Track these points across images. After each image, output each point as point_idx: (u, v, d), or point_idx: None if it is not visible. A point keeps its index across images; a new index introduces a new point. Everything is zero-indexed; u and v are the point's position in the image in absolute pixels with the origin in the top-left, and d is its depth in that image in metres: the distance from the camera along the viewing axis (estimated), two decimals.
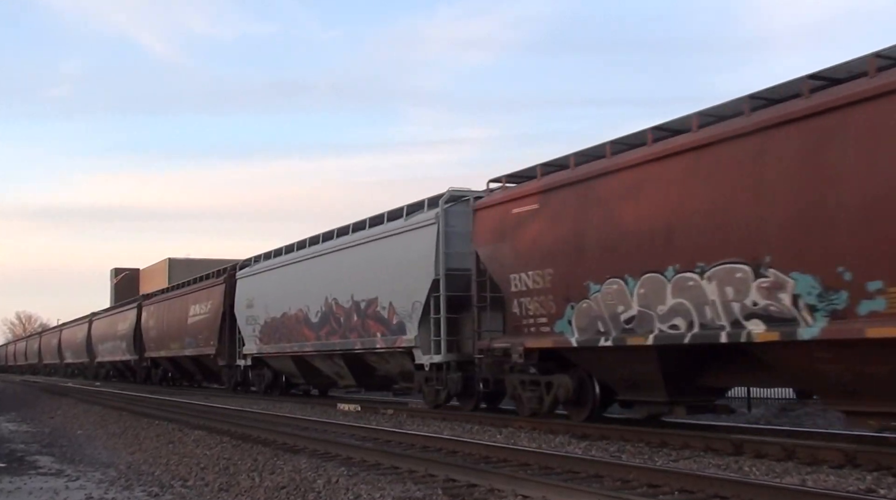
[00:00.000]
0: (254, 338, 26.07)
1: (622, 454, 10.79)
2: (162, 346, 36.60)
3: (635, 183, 11.98)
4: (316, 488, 8.52)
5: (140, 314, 40.39)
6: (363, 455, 10.68)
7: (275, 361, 25.56)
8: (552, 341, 13.50)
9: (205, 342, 30.46)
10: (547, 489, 7.61)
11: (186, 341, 32.80)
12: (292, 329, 23.34)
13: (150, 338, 38.54)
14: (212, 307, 30.01)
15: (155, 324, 37.65)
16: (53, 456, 12.74)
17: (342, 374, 22.17)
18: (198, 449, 12.49)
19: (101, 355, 49.70)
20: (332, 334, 21.04)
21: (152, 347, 38.32)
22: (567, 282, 13.12)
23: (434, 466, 9.32)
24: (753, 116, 10.45)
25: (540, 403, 14.32)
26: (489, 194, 15.45)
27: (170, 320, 35.38)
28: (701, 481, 7.71)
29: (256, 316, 25.76)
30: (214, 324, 29.43)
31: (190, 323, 32.36)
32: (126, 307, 45.11)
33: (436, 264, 16.87)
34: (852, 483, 8.13)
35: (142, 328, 39.72)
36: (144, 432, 15.68)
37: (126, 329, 42.72)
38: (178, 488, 9.29)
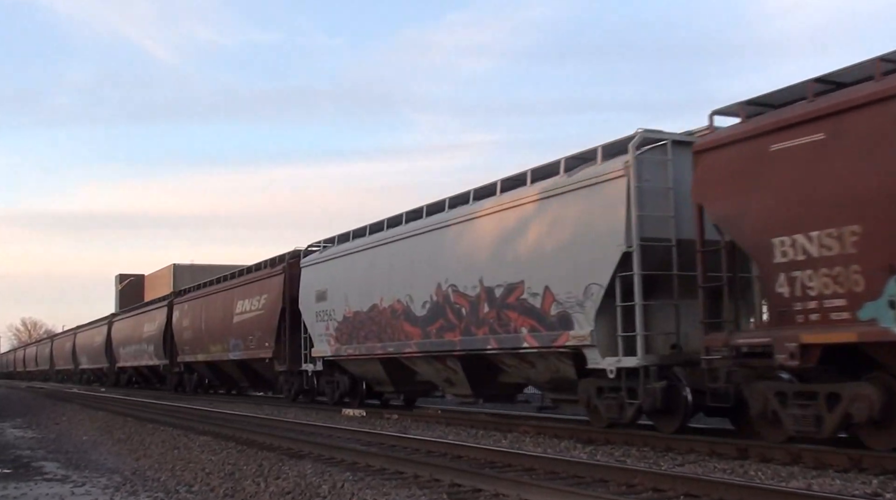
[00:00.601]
0: (326, 338, 21.33)
1: (627, 458, 10.78)
2: (199, 349, 32.00)
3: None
4: (321, 493, 8.52)
5: (171, 314, 35.81)
6: (368, 460, 10.68)
7: (355, 364, 20.70)
8: (857, 333, 9.46)
9: (257, 344, 25.86)
10: (552, 493, 7.60)
11: (231, 342, 28.21)
12: (385, 325, 18.60)
13: (183, 340, 33.83)
14: (267, 302, 25.36)
15: (190, 324, 33.00)
16: (59, 462, 12.75)
17: (454, 380, 17.23)
18: (203, 455, 12.49)
19: (123, 359, 45.25)
20: (448, 330, 16.28)
21: (186, 350, 33.52)
22: (890, 243, 9.21)
23: (439, 471, 9.32)
24: None
25: (817, 424, 10.03)
26: (725, 130, 11.34)
27: (210, 320, 30.76)
28: (706, 485, 7.70)
29: (331, 311, 21.07)
30: (271, 322, 24.79)
31: (236, 322, 27.72)
32: (153, 306, 40.59)
33: (626, 231, 12.32)
34: (858, 488, 8.12)
35: (173, 330, 35.12)
36: (150, 437, 15.70)
37: (153, 331, 38.39)
38: (184, 493, 9.30)
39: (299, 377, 23.67)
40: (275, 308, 24.58)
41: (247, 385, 30.92)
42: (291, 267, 24.10)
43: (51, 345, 75.45)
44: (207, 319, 30.94)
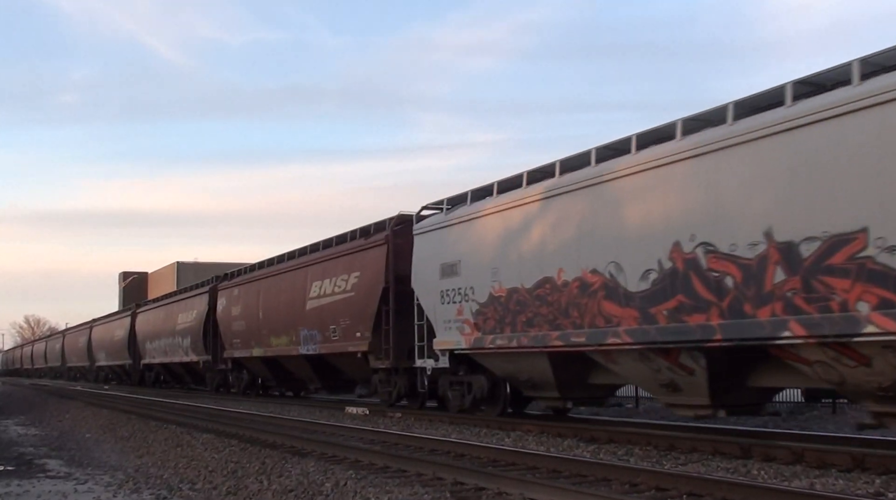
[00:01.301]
0: (459, 325, 16.18)
1: (630, 457, 10.77)
2: (254, 342, 26.73)
3: None
4: (324, 491, 8.53)
5: (214, 302, 30.78)
6: (371, 458, 10.69)
7: (503, 360, 15.39)
8: None
9: (344, 335, 20.85)
10: (555, 492, 7.60)
11: (303, 334, 23.09)
12: (567, 307, 13.38)
13: (232, 332, 28.47)
14: (361, 282, 20.18)
15: (242, 313, 27.70)
16: (62, 459, 12.77)
17: (683, 384, 12.06)
18: (206, 452, 12.51)
19: (150, 355, 40.16)
20: (693, 311, 11.23)
21: (237, 344, 28.19)
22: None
23: (442, 469, 9.32)
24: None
25: None
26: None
27: (271, 307, 25.47)
28: (709, 484, 7.69)
29: (467, 290, 15.92)
30: (366, 307, 19.75)
31: (311, 309, 22.58)
32: (190, 294, 35.09)
33: None
34: (861, 487, 8.11)
35: (218, 320, 30.06)
36: (153, 435, 15.71)
37: (191, 322, 33.35)
38: (187, 491, 9.31)
39: (406, 377, 18.88)
40: (372, 289, 19.44)
41: (321, 385, 25.14)
42: (398, 236, 19.00)
43: (62, 340, 70.31)
44: (267, 306, 25.63)
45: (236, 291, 28.60)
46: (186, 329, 33.87)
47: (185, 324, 34.16)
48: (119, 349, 47.14)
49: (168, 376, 40.76)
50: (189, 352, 33.78)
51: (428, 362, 17.52)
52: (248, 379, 29.54)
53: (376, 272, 19.45)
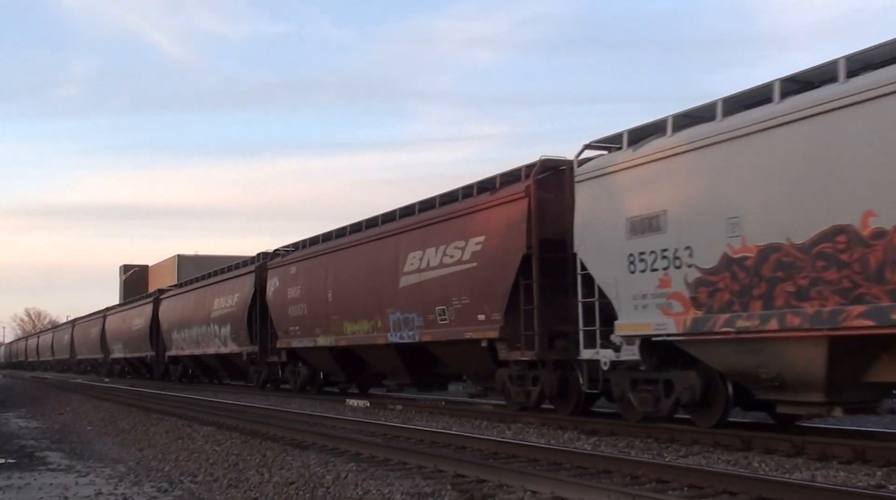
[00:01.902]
0: (660, 301, 11.88)
1: (631, 449, 10.78)
2: (318, 330, 22.23)
3: None
4: (325, 483, 8.53)
5: (262, 283, 26.26)
6: (372, 451, 10.69)
7: (735, 350, 11.02)
8: None
9: (460, 318, 16.11)
10: (556, 484, 7.60)
11: (393, 318, 18.49)
12: (880, 266, 9.14)
13: (287, 319, 24.01)
14: (485, 250, 15.51)
15: (302, 295, 23.27)
16: (63, 452, 12.78)
17: None
18: (207, 445, 12.51)
19: (177, 347, 35.89)
20: None
21: (295, 332, 23.61)
22: None
23: (443, 461, 9.32)
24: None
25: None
26: None
27: (344, 288, 20.95)
28: (710, 476, 7.69)
29: (679, 250, 11.54)
30: (493, 282, 15.18)
31: (405, 287, 17.97)
32: (228, 276, 30.37)
33: None
34: (862, 479, 8.11)
35: (268, 305, 25.56)
36: (154, 428, 15.72)
37: (231, 308, 28.90)
38: (188, 483, 9.31)
39: (558, 372, 14.32)
40: (505, 257, 14.90)
41: (409, 382, 20.23)
42: (544, 187, 14.61)
43: (71, 331, 64.83)
44: (340, 285, 21.17)
45: (293, 269, 23.91)
46: (225, 316, 29.33)
47: (224, 310, 29.51)
48: (139, 340, 42.46)
49: (199, 370, 36.16)
50: (228, 342, 29.24)
51: (604, 354, 12.87)
52: (306, 374, 24.48)
53: (511, 235, 14.77)
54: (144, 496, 8.55)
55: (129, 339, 44.56)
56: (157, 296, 40.64)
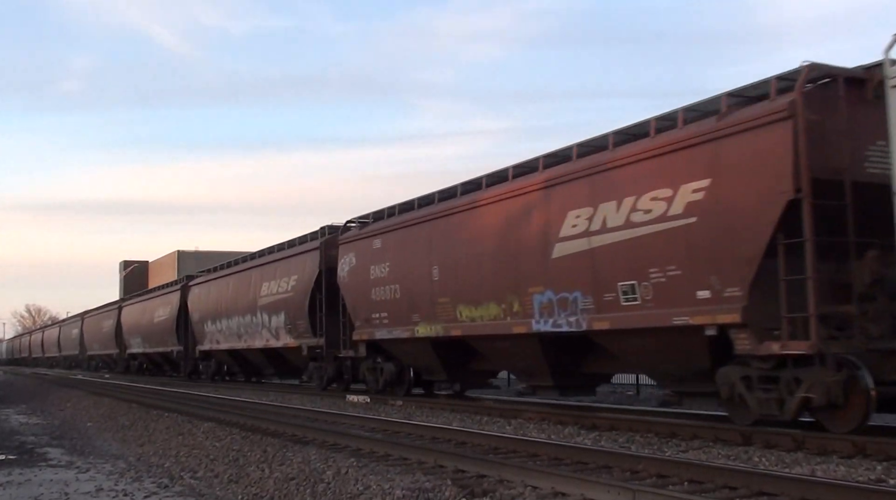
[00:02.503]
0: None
1: (631, 444, 10.78)
2: (417, 317, 17.65)
3: None
4: (325, 479, 8.53)
5: (331, 262, 21.74)
6: (372, 446, 10.69)
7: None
8: None
9: (668, 294, 11.78)
10: (556, 479, 7.60)
11: (540, 299, 14.18)
12: None
13: (369, 304, 19.36)
14: (709, 200, 11.20)
15: (392, 273, 18.60)
16: (63, 448, 12.79)
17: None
18: (207, 441, 12.52)
19: (212, 340, 31.35)
20: None
21: (380, 321, 18.99)
22: None
23: (443, 457, 9.33)
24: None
25: None
26: None
27: (458, 261, 16.36)
28: (710, 471, 7.69)
29: None
30: (733, 242, 10.83)
31: (565, 256, 13.60)
32: (280, 256, 25.68)
33: None
34: (862, 474, 8.11)
35: (341, 287, 20.94)
36: (154, 424, 15.73)
37: (286, 294, 24.36)
38: (188, 479, 9.32)
39: (834, 373, 10.02)
40: (749, 205, 10.66)
41: (550, 384, 15.21)
42: (816, 100, 10.33)
43: (81, 325, 59.61)
44: (448, 260, 16.60)
45: (378, 242, 19.37)
46: (278, 303, 24.86)
47: (277, 296, 25.01)
48: (162, 333, 37.78)
49: (237, 367, 31.38)
50: (281, 334, 24.79)
51: None
52: (392, 371, 19.72)
53: (764, 175, 10.47)
54: (145, 492, 8.55)
55: (151, 332, 39.71)
56: (185, 282, 35.55)
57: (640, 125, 12.75)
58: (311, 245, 23.61)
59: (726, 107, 11.33)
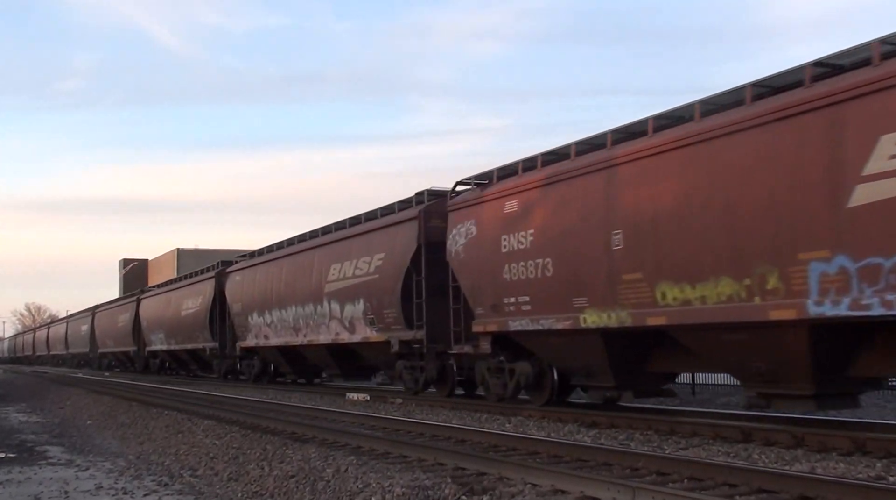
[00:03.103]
0: None
1: (631, 442, 10.78)
2: (580, 301, 13.17)
3: None
4: (325, 476, 8.53)
5: (435, 236, 17.47)
6: (372, 444, 10.69)
7: None
8: None
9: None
10: (556, 477, 7.60)
11: (818, 270, 9.70)
12: None
13: (498, 288, 14.97)
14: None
15: (537, 245, 14.13)
16: (63, 446, 12.79)
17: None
18: (207, 439, 12.52)
19: (256, 334, 26.65)
20: None
21: (518, 308, 14.58)
22: None
23: (443, 454, 9.33)
24: None
25: None
26: None
27: (661, 219, 11.76)
28: (710, 468, 7.69)
29: None
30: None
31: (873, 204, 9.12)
32: (353, 232, 21.11)
33: None
34: (862, 471, 8.11)
35: (453, 265, 16.48)
36: (154, 422, 15.73)
37: (362, 279, 19.87)
38: (188, 477, 9.32)
39: None
40: None
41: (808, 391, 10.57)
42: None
43: (91, 320, 53.81)
44: (643, 218, 12.08)
45: (513, 203, 14.73)
46: (354, 289, 20.23)
47: (353, 280, 20.37)
48: (190, 328, 33.05)
49: (290, 367, 26.64)
50: (358, 326, 20.17)
51: None
52: (528, 374, 15.07)
53: None
54: (145, 490, 8.56)
55: (177, 326, 34.83)
56: (221, 269, 30.86)
57: None
58: (404, 215, 18.84)
59: None
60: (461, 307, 16.53)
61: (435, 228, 17.59)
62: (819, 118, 9.80)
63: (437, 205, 17.86)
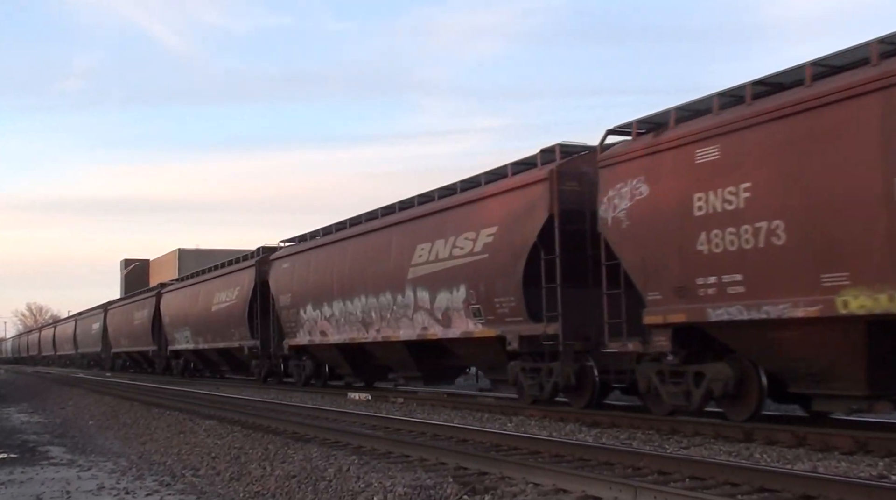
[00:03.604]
0: None
1: (633, 441, 10.78)
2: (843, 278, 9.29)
3: None
4: (327, 476, 8.53)
5: (571, 203, 13.98)
6: (374, 444, 10.69)
7: None
8: None
9: None
10: (557, 476, 7.60)
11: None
12: None
13: (687, 262, 11.28)
14: None
15: (769, 201, 10.17)
16: (65, 447, 12.80)
17: None
18: (209, 439, 12.51)
19: (309, 332, 22.86)
20: None
21: (736, 288, 10.56)
22: None
23: (445, 454, 9.32)
24: None
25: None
26: None
27: None
28: (712, 468, 7.69)
29: None
30: None
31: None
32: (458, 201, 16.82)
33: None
34: (864, 470, 8.11)
35: (608, 237, 12.75)
36: (155, 422, 15.73)
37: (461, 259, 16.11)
38: (190, 477, 9.32)
39: None
40: None
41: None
42: None
43: (103, 317, 49.97)
44: None
45: (712, 151, 11.03)
46: (450, 274, 16.32)
47: (448, 263, 16.41)
48: (224, 325, 29.03)
49: (352, 368, 22.53)
50: (456, 318, 16.29)
51: None
52: (728, 379, 11.24)
53: None
54: (147, 490, 8.56)
55: (206, 323, 30.93)
56: (261, 256, 27.19)
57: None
58: (528, 177, 14.78)
59: None
60: (621, 293, 12.71)
61: (571, 192, 13.97)
62: None
63: (572, 164, 14.34)
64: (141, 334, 40.90)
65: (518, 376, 15.09)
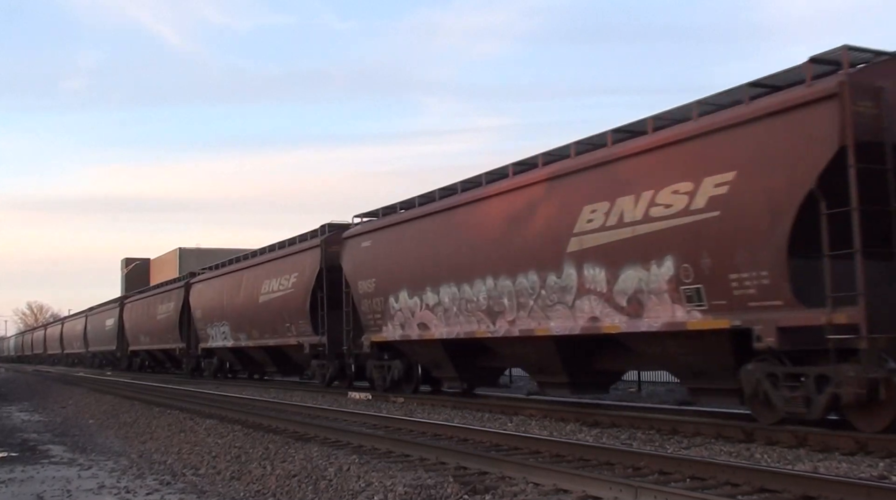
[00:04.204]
0: None
1: (633, 441, 10.77)
2: None
3: None
4: (327, 475, 8.53)
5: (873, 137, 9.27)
6: (374, 443, 10.69)
7: None
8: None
9: None
10: (558, 476, 7.60)
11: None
12: None
13: None
14: None
15: None
16: (66, 445, 12.80)
17: None
18: (209, 438, 12.52)
19: (400, 325, 18.24)
20: None
21: None
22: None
23: (445, 454, 9.32)
24: None
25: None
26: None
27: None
28: (712, 468, 7.68)
29: None
30: None
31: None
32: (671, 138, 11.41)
33: None
34: (864, 470, 8.10)
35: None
36: (156, 421, 15.73)
37: (671, 218, 11.21)
38: (190, 476, 9.32)
39: None
40: None
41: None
42: None
43: (119, 312, 45.02)
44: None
45: None
46: (658, 239, 11.54)
47: (659, 223, 11.52)
48: (277, 318, 24.56)
49: (457, 369, 17.55)
50: (656, 304, 11.71)
51: None
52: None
53: None
54: (147, 489, 8.56)
55: (251, 318, 26.47)
56: (329, 234, 22.25)
57: None
58: (792, 95, 10.10)
59: None
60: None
61: (866, 114, 9.52)
62: None
63: (866, 74, 9.85)
64: (166, 330, 35.96)
65: (761, 386, 10.53)
